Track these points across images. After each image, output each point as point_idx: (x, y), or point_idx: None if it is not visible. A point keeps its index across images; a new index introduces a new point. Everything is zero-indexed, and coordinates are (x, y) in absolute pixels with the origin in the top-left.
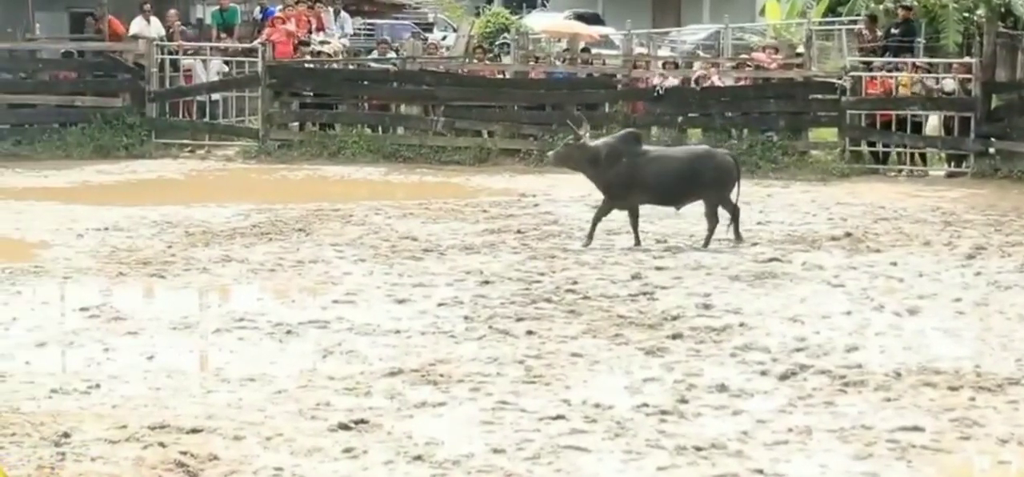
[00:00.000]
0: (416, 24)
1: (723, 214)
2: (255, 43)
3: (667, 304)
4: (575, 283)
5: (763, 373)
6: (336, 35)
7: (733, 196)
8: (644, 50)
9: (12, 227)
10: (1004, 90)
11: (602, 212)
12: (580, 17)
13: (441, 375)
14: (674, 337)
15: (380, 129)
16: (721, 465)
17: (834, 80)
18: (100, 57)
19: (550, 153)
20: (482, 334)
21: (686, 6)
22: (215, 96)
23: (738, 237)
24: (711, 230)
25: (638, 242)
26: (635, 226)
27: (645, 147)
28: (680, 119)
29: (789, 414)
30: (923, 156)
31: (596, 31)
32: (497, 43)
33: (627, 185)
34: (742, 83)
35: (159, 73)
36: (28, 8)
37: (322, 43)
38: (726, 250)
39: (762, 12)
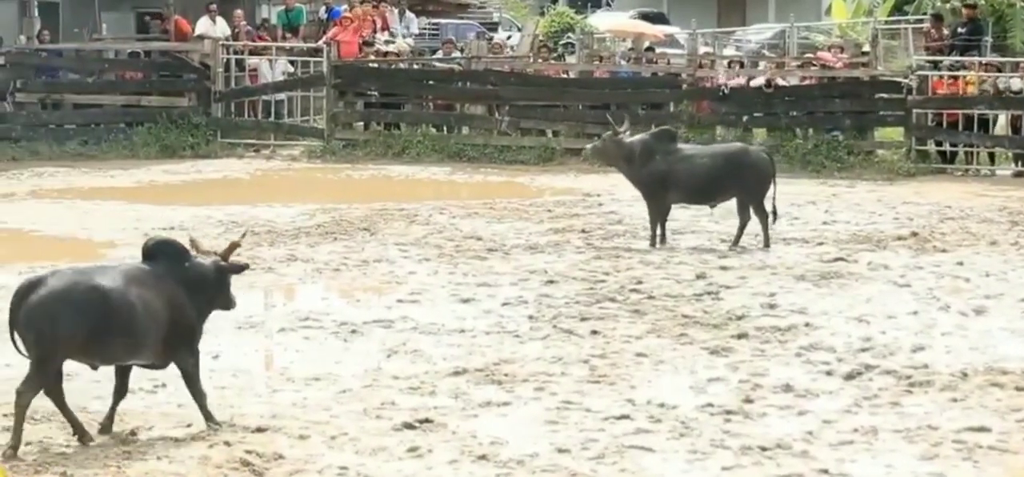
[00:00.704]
0: (481, 23)
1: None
2: (320, 43)
3: (732, 304)
4: (639, 283)
5: (828, 373)
6: (401, 35)
7: (768, 196)
8: (709, 49)
9: (79, 226)
10: None
11: (652, 211)
12: (645, 16)
13: (505, 374)
14: (739, 337)
15: (445, 129)
16: (786, 465)
17: (900, 79)
18: (166, 57)
19: (588, 147)
20: (546, 334)
21: (751, 5)
22: (280, 96)
23: (767, 243)
24: (741, 229)
25: (653, 243)
26: (663, 225)
27: (679, 145)
28: (745, 118)
29: (854, 414)
30: (991, 155)
31: (661, 30)
32: (561, 42)
33: (660, 182)
34: (807, 82)
35: (225, 73)
36: (95, 8)
37: (387, 42)
38: (791, 249)
39: (828, 11)
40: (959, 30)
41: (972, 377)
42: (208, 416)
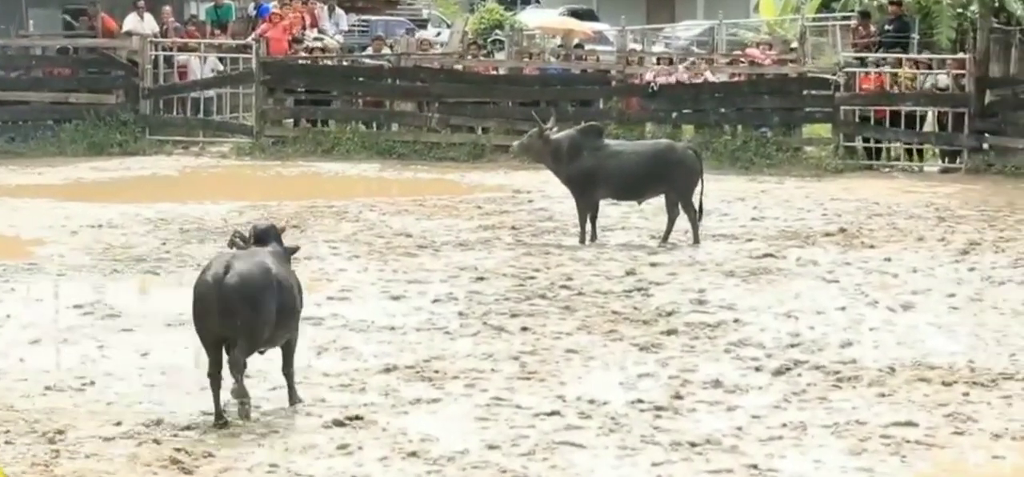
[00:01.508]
0: (410, 20)
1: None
2: (249, 39)
3: (661, 300)
4: (570, 279)
5: (757, 369)
6: (330, 31)
7: (696, 193)
8: (638, 46)
9: (7, 224)
10: (998, 86)
11: (581, 208)
12: (574, 13)
13: (436, 371)
14: (669, 333)
15: (375, 126)
16: (716, 461)
17: (828, 76)
18: (94, 54)
19: (515, 144)
20: (477, 330)
21: (680, 2)
22: (209, 93)
23: (696, 239)
24: (670, 225)
25: (583, 240)
26: (593, 221)
27: (607, 141)
28: (674, 115)
29: (783, 410)
30: (919, 152)
31: (590, 27)
32: (491, 39)
33: (588, 178)
34: (736, 79)
35: (153, 70)
36: (21, 5)
37: (316, 39)
38: (720, 246)
39: (756, 8)
40: (886, 27)
41: (900, 372)
42: (295, 396)
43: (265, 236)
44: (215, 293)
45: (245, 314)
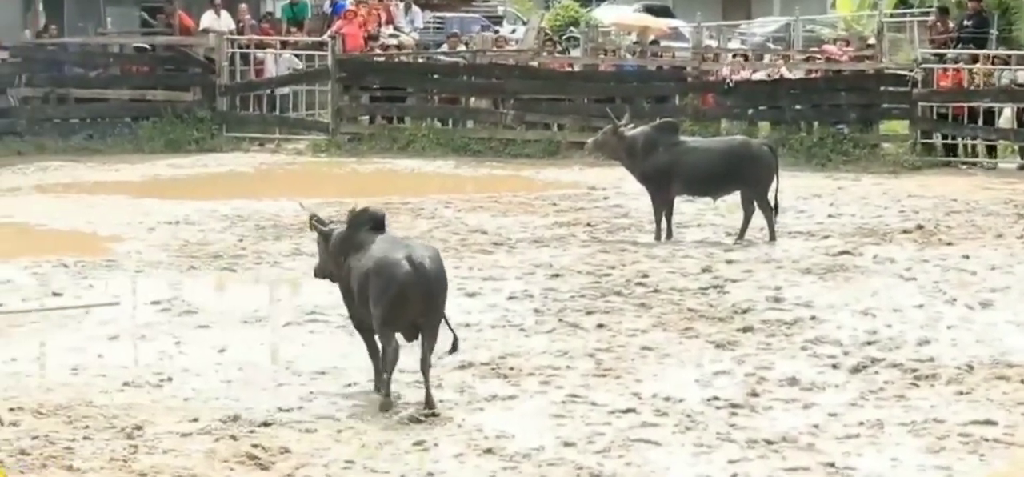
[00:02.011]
0: (486, 18)
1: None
2: (325, 37)
3: (738, 297)
4: (645, 276)
5: (834, 366)
6: (406, 28)
7: (772, 190)
8: (714, 43)
9: (84, 221)
10: None
11: (656, 204)
12: (650, 10)
13: (511, 368)
14: (744, 330)
15: (450, 123)
16: (792, 459)
17: (905, 72)
18: (171, 51)
19: (589, 141)
20: (552, 327)
21: None
22: (285, 90)
23: (772, 236)
24: (746, 222)
25: (659, 237)
26: (668, 218)
27: (682, 137)
28: (750, 112)
29: (860, 408)
30: (993, 148)
31: (666, 24)
32: (566, 36)
33: (663, 174)
34: (813, 75)
35: (230, 67)
36: (99, 3)
37: (392, 36)
38: (796, 243)
39: (833, 4)
40: (965, 23)
41: (978, 370)
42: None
43: (382, 224)
44: (423, 279)
45: (443, 299)
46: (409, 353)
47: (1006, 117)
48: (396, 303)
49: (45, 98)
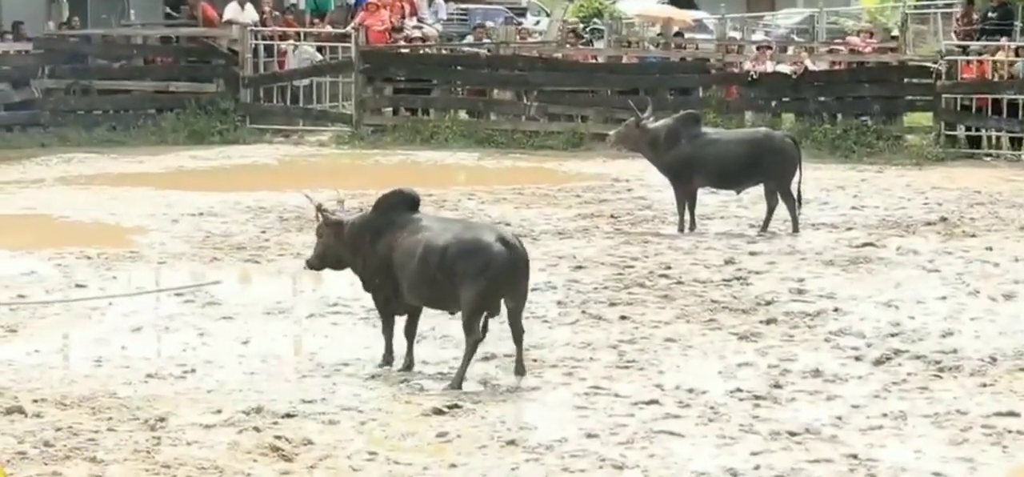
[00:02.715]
0: (509, 9)
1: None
2: (348, 28)
3: (760, 289)
4: (668, 268)
5: (857, 358)
6: (429, 20)
7: (794, 182)
8: (738, 35)
9: (108, 212)
10: None
11: (679, 196)
12: (674, 1)
13: (535, 360)
14: (768, 322)
15: (474, 115)
16: (815, 450)
17: (929, 64)
18: (194, 43)
19: (611, 133)
20: (575, 319)
21: None
22: (308, 82)
23: (795, 227)
24: (769, 214)
25: (682, 228)
26: (692, 210)
27: (705, 129)
28: (774, 104)
29: (883, 400)
30: (1019, 141)
31: (689, 15)
32: (589, 28)
33: (686, 166)
34: (836, 67)
35: (253, 58)
36: None
37: (415, 28)
38: (820, 235)
39: None
40: (990, 14)
41: (1001, 362)
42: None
43: (418, 203)
44: (518, 258)
45: (528, 278)
46: (427, 344)
47: None
48: (493, 284)
49: (68, 90)
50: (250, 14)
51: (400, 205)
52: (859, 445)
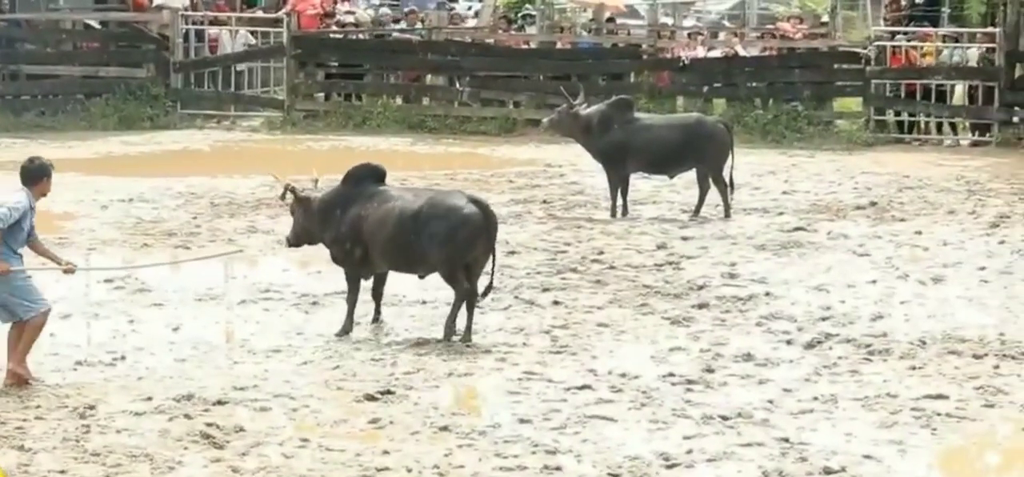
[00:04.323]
0: None
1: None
2: (280, 13)
3: (693, 274)
4: (601, 253)
5: (789, 342)
6: (362, 5)
7: (726, 167)
8: (669, 21)
9: None
10: None
11: (612, 181)
12: None
13: (467, 345)
14: (700, 307)
15: (406, 100)
16: (747, 434)
17: (859, 50)
18: (124, 27)
19: (544, 120)
20: (508, 304)
21: None
22: (240, 67)
23: (727, 212)
24: (701, 199)
25: (614, 213)
26: (624, 195)
27: (637, 114)
28: (705, 89)
29: (815, 383)
30: (953, 126)
31: (621, 1)
32: (522, 14)
33: (619, 151)
34: (767, 53)
35: (184, 43)
36: None
37: (348, 13)
38: (751, 219)
39: None
40: (917, 0)
41: (930, 345)
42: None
43: (384, 176)
44: (489, 219)
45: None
46: (359, 331)
47: (958, 94)
48: (467, 243)
49: None
50: None
51: (368, 177)
52: (790, 428)
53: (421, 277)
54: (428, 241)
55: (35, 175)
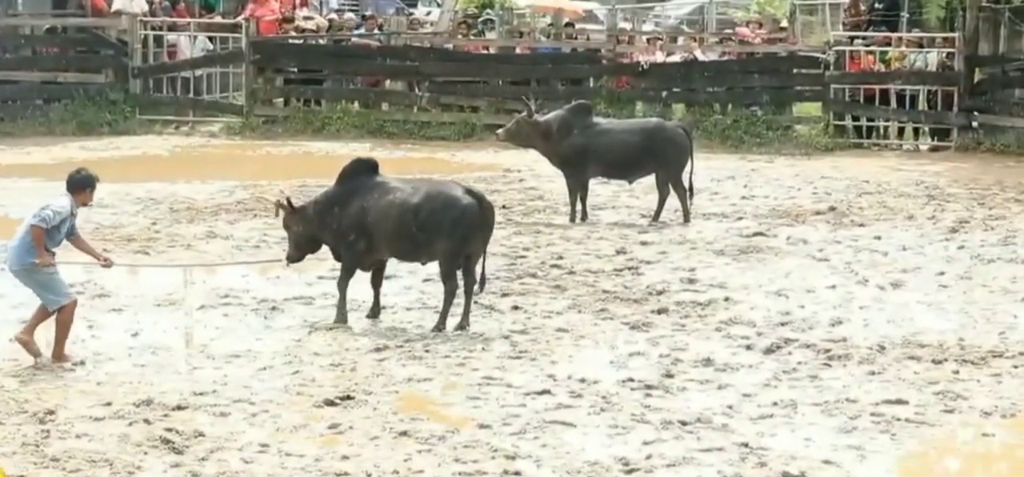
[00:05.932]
0: (401, 0)
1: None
2: (239, 19)
3: (652, 279)
4: (560, 258)
5: (748, 347)
6: (324, 11)
7: (686, 172)
8: (628, 25)
9: None
10: (987, 64)
11: (571, 186)
12: None
13: (427, 351)
14: (659, 312)
15: (365, 105)
16: (706, 439)
17: (818, 55)
18: (83, 33)
19: (500, 130)
20: None
21: None
22: (199, 72)
23: (686, 217)
24: (661, 204)
25: (573, 219)
26: (583, 200)
27: (597, 119)
28: (664, 94)
29: (774, 388)
30: (914, 131)
31: (580, 6)
32: (481, 19)
33: (579, 156)
34: (726, 58)
35: (142, 49)
36: None
37: (306, 19)
38: (711, 224)
39: None
40: (876, 5)
41: (889, 350)
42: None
43: (378, 168)
44: (487, 211)
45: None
46: (318, 337)
47: (918, 99)
48: (467, 233)
49: None
50: (139, 4)
51: (362, 171)
52: (750, 434)
53: (423, 264)
54: (433, 232)
55: (80, 184)
